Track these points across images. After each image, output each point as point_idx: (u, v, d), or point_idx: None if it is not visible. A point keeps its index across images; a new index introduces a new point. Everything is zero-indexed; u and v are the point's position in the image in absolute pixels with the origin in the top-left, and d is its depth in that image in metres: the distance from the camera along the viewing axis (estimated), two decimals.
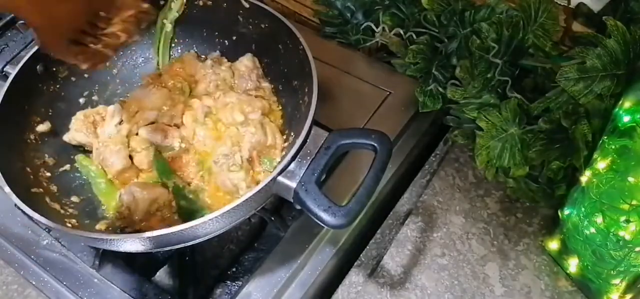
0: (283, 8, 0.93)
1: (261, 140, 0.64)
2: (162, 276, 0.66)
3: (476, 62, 0.68)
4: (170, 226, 0.51)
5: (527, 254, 0.65)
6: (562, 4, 0.68)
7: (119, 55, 0.74)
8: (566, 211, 0.60)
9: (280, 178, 0.54)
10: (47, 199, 0.60)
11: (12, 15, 0.71)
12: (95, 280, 0.62)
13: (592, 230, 0.57)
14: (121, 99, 0.72)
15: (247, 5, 0.70)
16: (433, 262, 0.64)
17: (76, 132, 0.66)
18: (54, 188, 0.63)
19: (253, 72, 0.70)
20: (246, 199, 0.53)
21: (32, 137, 0.65)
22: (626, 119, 0.54)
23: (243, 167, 0.62)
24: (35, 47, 0.65)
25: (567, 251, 0.62)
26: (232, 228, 0.57)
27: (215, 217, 0.52)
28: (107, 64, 0.68)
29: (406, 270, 0.64)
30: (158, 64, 0.73)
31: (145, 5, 0.53)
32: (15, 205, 0.54)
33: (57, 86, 0.69)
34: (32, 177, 0.62)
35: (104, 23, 0.50)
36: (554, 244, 0.63)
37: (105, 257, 0.63)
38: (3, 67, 0.67)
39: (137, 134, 0.66)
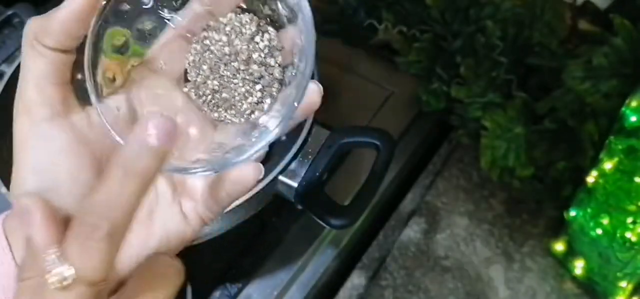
0: None
1: None
2: None
3: (481, 61, 0.67)
4: None
5: (532, 256, 0.64)
6: (568, 1, 0.68)
7: None
8: (572, 212, 0.60)
9: (281, 177, 0.54)
10: None
11: (8, 13, 0.71)
12: None
13: (599, 232, 0.57)
14: None
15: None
16: (436, 264, 0.64)
17: None
18: None
19: None
20: (246, 200, 0.52)
21: None
22: (633, 118, 0.54)
23: None
24: None
25: (573, 253, 0.61)
26: (232, 228, 0.57)
27: None
28: None
29: (409, 272, 0.63)
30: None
31: None
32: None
33: None
34: None
35: None
36: (559, 246, 0.63)
37: None
38: None
39: None
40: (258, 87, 0.33)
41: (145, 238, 0.33)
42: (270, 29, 0.34)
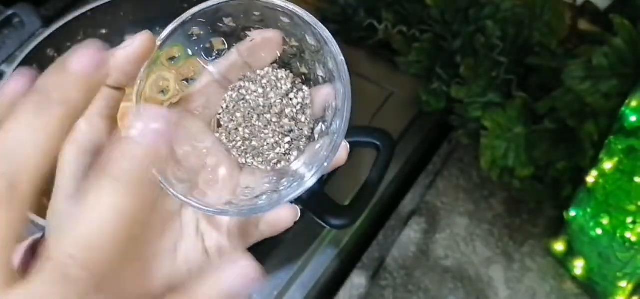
0: None
1: None
2: None
3: (481, 61, 0.67)
4: None
5: (532, 256, 0.64)
6: (568, 1, 0.67)
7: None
8: (572, 212, 0.60)
9: None
10: (45, 200, 0.59)
11: (8, 13, 0.71)
12: None
13: (598, 232, 0.57)
14: None
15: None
16: (436, 264, 0.63)
17: None
18: (51, 188, 0.62)
19: None
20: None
21: None
22: (633, 118, 0.53)
23: None
24: (31, 46, 0.64)
25: (572, 253, 0.61)
26: None
27: None
28: None
29: (409, 272, 0.63)
30: None
31: None
32: None
33: None
34: None
35: None
36: (559, 246, 0.63)
37: None
38: None
39: None
40: (287, 139, 0.35)
41: (170, 270, 0.34)
42: (305, 88, 0.36)
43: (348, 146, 0.34)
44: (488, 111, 0.66)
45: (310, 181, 0.32)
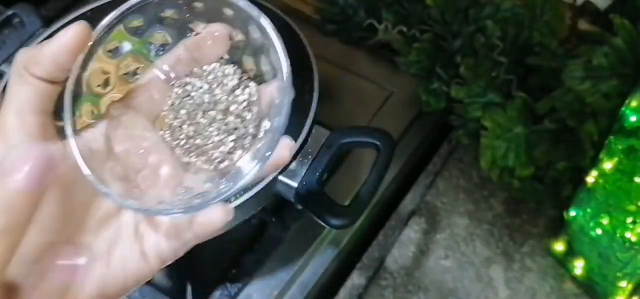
0: (282, 4, 0.92)
1: None
2: (160, 277, 0.65)
3: (481, 61, 0.67)
4: None
5: (532, 256, 0.64)
6: (568, 1, 0.67)
7: None
8: (572, 213, 0.60)
9: (281, 178, 0.54)
10: None
11: (8, 13, 0.71)
12: None
13: (598, 232, 0.57)
14: None
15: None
16: (436, 264, 0.63)
17: None
18: None
19: None
20: (246, 200, 0.52)
21: None
22: (633, 118, 0.53)
23: None
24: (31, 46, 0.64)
25: (572, 253, 0.61)
26: (232, 228, 0.56)
27: None
28: None
29: (409, 272, 0.63)
30: None
31: None
32: None
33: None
34: None
35: None
36: (559, 246, 0.63)
37: None
38: None
39: None
40: (231, 138, 0.34)
41: (103, 276, 0.32)
42: (252, 84, 0.35)
43: (292, 143, 0.32)
44: (488, 111, 0.66)
45: (243, 181, 0.30)
